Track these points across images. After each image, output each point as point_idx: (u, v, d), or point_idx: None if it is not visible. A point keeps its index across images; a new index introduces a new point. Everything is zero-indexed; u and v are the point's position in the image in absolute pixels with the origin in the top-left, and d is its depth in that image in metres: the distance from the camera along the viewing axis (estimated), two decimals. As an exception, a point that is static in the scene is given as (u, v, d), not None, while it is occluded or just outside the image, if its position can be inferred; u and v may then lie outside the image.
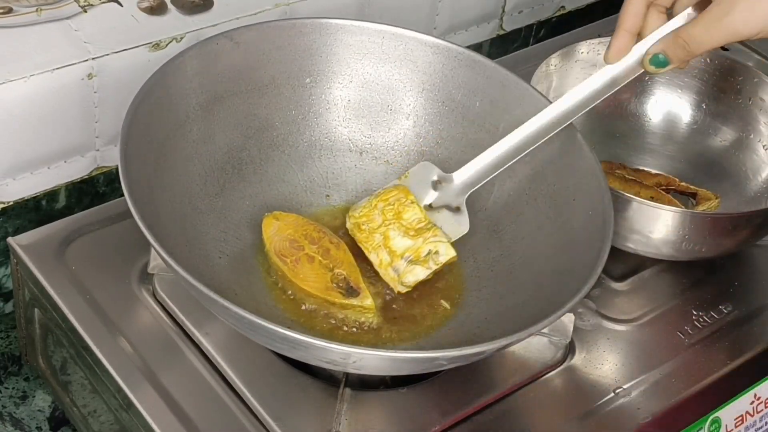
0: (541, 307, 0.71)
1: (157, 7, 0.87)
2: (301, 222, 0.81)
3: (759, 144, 0.95)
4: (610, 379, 0.79)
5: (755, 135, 0.95)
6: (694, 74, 0.98)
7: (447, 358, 0.67)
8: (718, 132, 0.98)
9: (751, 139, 0.96)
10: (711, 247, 0.85)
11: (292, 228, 0.80)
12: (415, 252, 0.79)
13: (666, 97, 0.99)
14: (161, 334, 0.77)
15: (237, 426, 0.72)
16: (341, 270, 0.78)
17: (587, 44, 0.96)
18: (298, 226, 0.80)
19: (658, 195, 0.90)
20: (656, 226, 0.83)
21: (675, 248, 0.84)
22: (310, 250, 0.79)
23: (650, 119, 1.00)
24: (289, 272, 0.77)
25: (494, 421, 0.75)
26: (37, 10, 0.83)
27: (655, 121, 1.00)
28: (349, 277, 0.78)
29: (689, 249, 0.84)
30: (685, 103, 0.99)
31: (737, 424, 0.82)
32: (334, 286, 0.77)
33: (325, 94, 0.86)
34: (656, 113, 1.00)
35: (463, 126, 0.86)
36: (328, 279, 0.77)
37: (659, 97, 1.00)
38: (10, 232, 0.86)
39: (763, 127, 0.95)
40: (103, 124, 0.86)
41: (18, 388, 0.89)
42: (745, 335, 0.84)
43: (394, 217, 0.81)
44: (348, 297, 0.77)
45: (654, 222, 0.83)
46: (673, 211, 0.83)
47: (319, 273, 0.78)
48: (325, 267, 0.78)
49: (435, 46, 0.86)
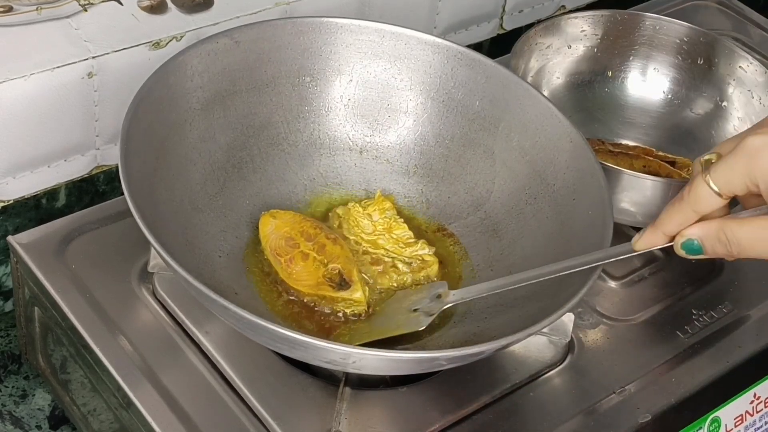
0: (541, 307, 0.71)
1: (158, 6, 0.87)
2: (298, 219, 0.81)
3: (734, 114, 0.96)
4: (610, 378, 0.79)
5: (729, 104, 0.96)
6: (669, 48, 0.99)
7: (447, 358, 0.67)
8: (693, 103, 0.99)
9: (724, 108, 0.96)
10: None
11: (288, 225, 0.80)
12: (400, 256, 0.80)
13: (641, 71, 1.00)
14: (161, 333, 0.77)
15: (237, 425, 0.72)
16: (336, 264, 0.78)
17: (566, 19, 0.97)
18: (295, 224, 0.80)
19: (648, 162, 0.91)
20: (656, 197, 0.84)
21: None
22: (305, 247, 0.78)
23: (626, 93, 1.00)
24: (282, 272, 0.77)
25: (494, 420, 0.75)
26: (38, 8, 0.83)
27: (631, 95, 1.00)
28: (343, 270, 0.77)
29: None
30: (661, 76, 1.00)
31: (737, 424, 0.82)
32: (326, 280, 0.77)
33: (325, 93, 0.86)
34: (631, 87, 1.00)
35: (462, 125, 0.86)
36: (320, 275, 0.77)
37: (635, 71, 1.00)
38: (10, 231, 0.86)
39: (737, 97, 0.96)
40: (103, 122, 0.86)
41: (18, 387, 0.89)
42: (745, 335, 0.84)
43: (385, 230, 0.82)
44: (338, 290, 0.76)
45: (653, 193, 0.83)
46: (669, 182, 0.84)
47: (311, 270, 0.77)
48: (320, 263, 0.78)
49: (435, 45, 0.86)
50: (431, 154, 0.87)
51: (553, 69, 0.98)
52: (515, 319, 0.74)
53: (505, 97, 0.84)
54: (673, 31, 0.99)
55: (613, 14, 0.99)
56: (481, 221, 0.84)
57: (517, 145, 0.83)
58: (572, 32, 0.98)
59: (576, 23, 0.97)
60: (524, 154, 0.83)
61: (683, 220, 0.61)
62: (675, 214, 0.61)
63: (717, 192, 0.59)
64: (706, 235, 0.61)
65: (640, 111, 1.00)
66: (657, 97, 1.00)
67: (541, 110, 0.82)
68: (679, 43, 0.99)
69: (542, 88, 0.97)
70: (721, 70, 0.97)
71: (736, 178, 0.58)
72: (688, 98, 0.99)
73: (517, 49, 0.92)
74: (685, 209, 0.60)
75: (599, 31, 0.99)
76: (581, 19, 0.98)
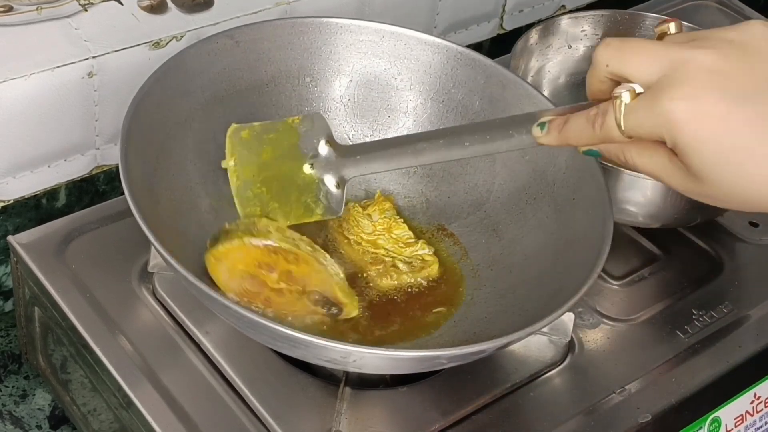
0: (541, 306, 0.71)
1: (158, 6, 0.87)
2: (244, 249, 0.72)
3: None
4: (610, 378, 0.79)
5: None
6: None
7: (447, 357, 0.67)
8: None
9: None
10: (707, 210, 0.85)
11: (240, 263, 0.72)
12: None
13: None
14: (161, 332, 0.77)
15: (237, 425, 0.72)
16: (313, 288, 0.73)
17: (566, 19, 0.97)
18: (247, 257, 0.72)
19: None
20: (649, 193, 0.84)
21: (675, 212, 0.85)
22: (273, 282, 0.71)
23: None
24: (272, 313, 0.72)
25: (494, 420, 0.75)
26: (38, 8, 0.83)
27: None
28: (324, 293, 0.73)
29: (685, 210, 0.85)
30: None
31: (737, 424, 0.82)
32: (315, 307, 0.73)
33: (325, 93, 0.86)
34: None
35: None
36: (305, 304, 0.73)
37: None
38: (10, 231, 0.86)
39: None
40: (103, 122, 0.86)
41: (18, 387, 0.89)
42: (745, 335, 0.84)
43: (385, 230, 0.82)
44: (335, 317, 0.74)
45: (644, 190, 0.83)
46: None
47: (294, 303, 0.73)
48: (296, 292, 0.72)
49: (435, 45, 0.86)
50: (431, 154, 0.87)
51: (553, 69, 0.98)
52: (515, 318, 0.74)
53: (505, 97, 0.84)
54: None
55: (613, 14, 0.99)
56: (481, 221, 0.84)
57: (517, 145, 0.83)
58: (572, 32, 0.98)
59: (576, 23, 0.97)
60: (524, 154, 0.83)
61: (588, 141, 0.65)
62: (582, 134, 0.65)
63: (625, 134, 0.62)
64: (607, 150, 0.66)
65: None
66: None
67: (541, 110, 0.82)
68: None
69: (542, 88, 0.97)
70: None
71: (645, 132, 0.61)
72: None
73: (517, 49, 0.93)
74: (592, 136, 0.64)
75: (599, 31, 0.99)
76: (581, 19, 0.98)
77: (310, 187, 0.76)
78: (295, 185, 0.77)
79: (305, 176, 0.77)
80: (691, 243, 0.91)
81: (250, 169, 0.77)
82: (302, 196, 0.77)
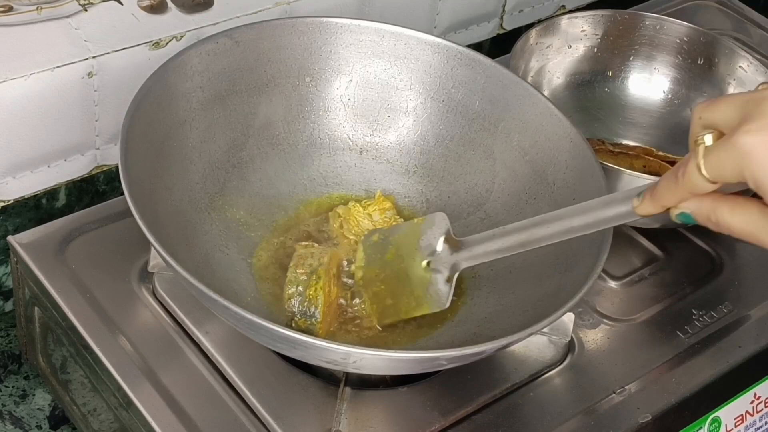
0: (541, 307, 0.71)
1: (158, 6, 0.87)
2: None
3: None
4: (610, 378, 0.79)
5: None
6: (669, 48, 0.99)
7: (447, 357, 0.67)
8: (693, 103, 0.98)
9: None
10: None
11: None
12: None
13: (641, 71, 1.00)
14: (161, 332, 0.77)
15: (237, 425, 0.72)
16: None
17: (566, 19, 0.97)
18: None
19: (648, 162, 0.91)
20: None
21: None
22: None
23: (626, 93, 1.01)
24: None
25: (494, 420, 0.75)
26: (38, 8, 0.83)
27: (631, 95, 1.01)
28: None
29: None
30: (661, 75, 1.00)
31: (737, 424, 0.82)
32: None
33: (325, 93, 0.86)
34: (632, 87, 1.01)
35: (462, 125, 0.86)
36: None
37: (635, 71, 1.00)
38: (10, 231, 0.86)
39: None
40: (103, 122, 0.86)
41: (18, 387, 0.89)
42: (745, 335, 0.84)
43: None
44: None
45: None
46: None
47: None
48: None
49: (435, 45, 0.86)
50: (431, 154, 0.87)
51: (553, 69, 0.98)
52: (515, 318, 0.74)
53: (505, 97, 0.84)
54: (673, 31, 0.99)
55: (613, 14, 0.99)
56: (481, 221, 0.84)
57: (517, 145, 0.83)
58: (572, 32, 0.98)
59: (576, 23, 0.97)
60: (524, 154, 0.83)
61: (678, 198, 0.64)
62: (671, 191, 0.64)
63: (708, 179, 0.61)
64: (699, 212, 0.64)
65: (640, 111, 1.00)
66: (657, 96, 1.00)
67: (541, 110, 0.82)
68: (680, 42, 0.99)
69: (542, 88, 0.97)
70: (722, 69, 0.98)
71: (726, 173, 0.60)
72: (688, 98, 0.99)
73: (517, 49, 0.93)
74: (679, 189, 0.63)
75: (599, 31, 0.99)
76: (581, 19, 0.98)
77: (423, 283, 0.76)
78: (410, 282, 0.77)
79: (421, 273, 0.76)
80: (691, 243, 0.91)
81: (373, 270, 0.78)
82: (415, 291, 0.76)
